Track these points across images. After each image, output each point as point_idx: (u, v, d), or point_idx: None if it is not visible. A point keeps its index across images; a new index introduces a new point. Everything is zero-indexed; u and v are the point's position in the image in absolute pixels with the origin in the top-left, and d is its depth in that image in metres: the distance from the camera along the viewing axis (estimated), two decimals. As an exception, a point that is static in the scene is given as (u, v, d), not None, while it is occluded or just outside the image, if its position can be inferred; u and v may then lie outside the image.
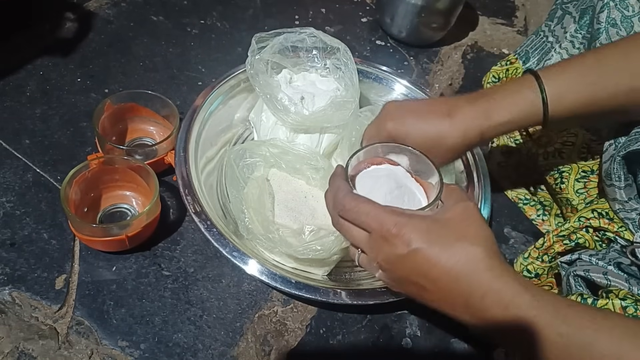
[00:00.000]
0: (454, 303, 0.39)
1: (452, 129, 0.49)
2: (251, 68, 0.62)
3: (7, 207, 0.57)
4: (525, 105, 0.48)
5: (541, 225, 0.67)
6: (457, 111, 0.49)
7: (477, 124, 0.48)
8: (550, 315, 0.35)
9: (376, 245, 0.40)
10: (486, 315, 0.37)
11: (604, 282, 0.45)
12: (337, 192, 0.42)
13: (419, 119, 0.50)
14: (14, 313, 0.50)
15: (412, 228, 0.38)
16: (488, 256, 0.38)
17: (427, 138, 0.49)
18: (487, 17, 1.06)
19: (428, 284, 0.39)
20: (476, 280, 0.37)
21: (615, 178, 0.49)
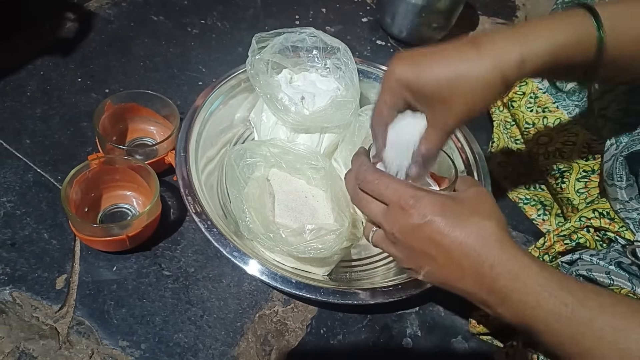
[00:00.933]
0: (464, 274, 0.39)
1: (480, 58, 0.38)
2: (251, 68, 0.62)
3: (8, 207, 0.57)
4: (576, 29, 0.38)
5: (542, 225, 0.67)
6: (486, 38, 0.38)
7: (514, 49, 0.37)
8: (556, 286, 0.36)
9: (393, 216, 0.41)
10: (495, 285, 0.38)
11: (606, 281, 0.45)
12: (359, 166, 0.44)
13: (436, 56, 0.39)
14: (14, 313, 0.50)
15: (429, 201, 0.39)
16: (499, 231, 0.39)
17: (447, 76, 0.38)
18: (487, 17, 1.06)
19: (440, 254, 0.39)
20: (486, 251, 0.38)
21: (617, 178, 0.49)
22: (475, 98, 0.39)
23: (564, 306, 0.35)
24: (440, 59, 0.39)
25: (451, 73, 0.38)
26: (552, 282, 0.36)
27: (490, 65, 0.37)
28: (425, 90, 0.40)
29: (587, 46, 0.38)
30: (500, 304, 0.38)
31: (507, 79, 0.38)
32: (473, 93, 0.38)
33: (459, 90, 0.38)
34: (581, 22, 0.38)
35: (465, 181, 0.45)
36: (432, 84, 0.39)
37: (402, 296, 0.51)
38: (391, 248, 0.43)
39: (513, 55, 0.37)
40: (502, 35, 0.38)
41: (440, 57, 0.39)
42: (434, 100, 0.40)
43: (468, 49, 0.38)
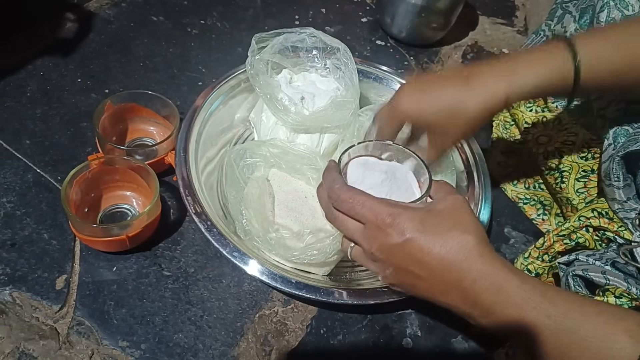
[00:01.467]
0: (447, 289, 0.39)
1: (471, 95, 0.44)
2: (251, 68, 0.62)
3: (8, 207, 0.57)
4: (556, 66, 0.43)
5: (541, 224, 0.67)
6: (476, 75, 0.45)
7: (500, 87, 0.44)
8: (539, 298, 0.36)
9: (371, 236, 0.41)
10: (478, 300, 0.38)
11: (602, 281, 0.45)
12: (332, 184, 0.43)
13: (434, 91, 0.47)
14: (14, 313, 0.50)
15: (406, 218, 0.39)
16: (479, 244, 0.39)
17: (443, 110, 0.45)
18: (487, 17, 1.06)
19: (422, 271, 0.39)
20: (468, 266, 0.38)
21: (614, 178, 0.49)
22: (467, 127, 0.47)
23: (547, 318, 0.36)
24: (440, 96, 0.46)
25: (449, 109, 0.46)
26: (534, 295, 0.37)
27: (480, 104, 0.45)
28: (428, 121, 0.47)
29: (565, 80, 0.44)
30: (484, 316, 0.39)
31: (493, 113, 0.46)
32: (467, 124, 0.46)
33: (454, 122, 0.46)
34: (560, 59, 0.44)
35: (440, 188, 0.44)
36: (433, 117, 0.47)
37: (402, 296, 0.51)
38: (371, 265, 0.43)
39: (499, 95, 0.44)
40: (491, 74, 0.45)
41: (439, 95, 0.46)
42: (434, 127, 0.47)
43: (463, 88, 0.45)
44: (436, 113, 0.46)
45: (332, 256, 0.52)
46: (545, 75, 0.44)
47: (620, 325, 0.35)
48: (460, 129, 0.47)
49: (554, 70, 0.43)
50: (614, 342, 0.34)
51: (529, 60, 0.44)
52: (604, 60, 0.43)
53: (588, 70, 0.43)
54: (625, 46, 0.43)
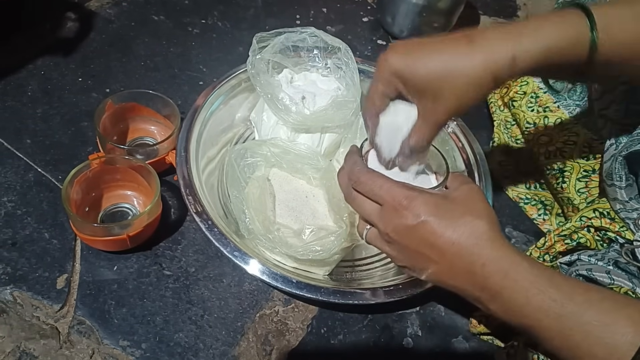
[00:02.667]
0: (456, 273, 0.40)
1: (472, 53, 0.38)
2: (252, 68, 0.62)
3: (9, 206, 0.57)
4: (571, 30, 0.38)
5: (542, 224, 0.67)
6: (480, 34, 0.38)
7: (507, 46, 0.37)
8: (546, 283, 0.37)
9: (387, 217, 0.41)
10: (486, 283, 0.38)
11: (607, 281, 0.45)
12: (352, 166, 0.44)
13: (429, 47, 0.40)
14: (15, 312, 0.50)
15: (422, 201, 0.40)
16: (490, 229, 0.39)
17: (438, 67, 0.38)
18: (488, 17, 1.06)
19: (433, 254, 0.40)
20: (478, 250, 0.39)
21: (616, 178, 0.49)
22: (465, 94, 0.39)
23: (553, 302, 0.36)
24: (434, 51, 0.39)
25: (443, 67, 0.38)
26: (541, 279, 0.37)
27: (482, 62, 0.37)
28: (417, 82, 0.40)
29: (579, 47, 0.38)
30: (491, 300, 0.39)
31: (497, 77, 0.38)
32: (463, 89, 0.39)
33: (449, 85, 0.39)
34: (575, 22, 0.38)
35: (456, 178, 0.45)
36: (423, 77, 0.39)
37: (402, 296, 0.51)
38: (385, 247, 0.44)
39: (505, 54, 0.37)
40: (495, 33, 0.38)
41: (433, 50, 0.39)
42: (425, 93, 0.40)
43: (461, 44, 0.38)
44: (430, 72, 0.39)
45: (335, 255, 0.52)
46: (558, 39, 0.38)
47: (624, 312, 0.35)
48: (455, 94, 0.39)
49: (569, 34, 0.38)
50: (617, 328, 0.34)
51: (541, 22, 0.38)
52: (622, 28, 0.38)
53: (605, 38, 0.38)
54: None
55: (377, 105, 0.44)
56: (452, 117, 0.41)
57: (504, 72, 0.38)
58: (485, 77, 0.38)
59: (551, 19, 0.39)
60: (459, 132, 0.68)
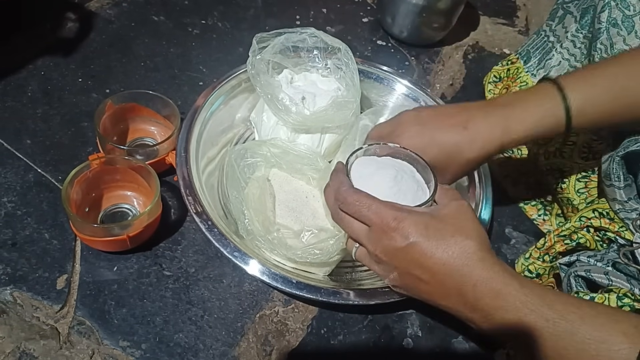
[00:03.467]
0: (448, 293, 0.40)
1: (470, 142, 0.48)
2: (252, 68, 0.62)
3: (9, 207, 0.57)
4: (547, 117, 0.47)
5: (542, 225, 0.67)
6: (474, 122, 0.48)
7: (496, 137, 0.47)
8: (537, 302, 0.37)
9: (375, 238, 0.41)
10: (478, 304, 0.39)
11: (605, 282, 0.45)
12: (339, 186, 0.44)
13: (435, 131, 0.49)
14: (15, 313, 0.50)
15: (411, 222, 0.40)
16: (480, 249, 0.39)
17: (443, 152, 0.48)
18: (488, 17, 1.06)
19: (424, 275, 0.40)
20: (469, 271, 0.39)
21: (614, 178, 0.49)
22: (466, 168, 0.50)
23: (545, 321, 0.36)
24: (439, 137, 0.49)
25: (448, 152, 0.48)
26: (533, 298, 0.37)
27: (478, 149, 0.48)
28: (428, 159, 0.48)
29: (557, 127, 0.47)
30: (484, 321, 0.39)
31: (490, 156, 0.49)
32: (465, 165, 0.49)
33: (453, 163, 0.49)
34: (554, 109, 0.46)
35: (445, 193, 0.45)
36: (433, 157, 0.48)
37: (402, 296, 0.51)
38: (374, 266, 0.44)
39: (495, 142, 0.48)
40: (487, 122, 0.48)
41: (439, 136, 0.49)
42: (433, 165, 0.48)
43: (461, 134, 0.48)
44: (436, 154, 0.48)
45: (334, 256, 0.52)
46: (538, 123, 0.47)
47: (618, 327, 0.35)
48: (459, 169, 0.50)
49: (546, 117, 0.47)
50: (611, 344, 0.34)
51: (523, 109, 0.48)
52: (594, 103, 0.46)
53: (578, 115, 0.46)
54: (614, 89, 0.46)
55: None
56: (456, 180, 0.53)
57: (496, 151, 0.49)
58: (480, 158, 0.49)
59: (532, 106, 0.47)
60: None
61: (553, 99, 0.47)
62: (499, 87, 0.77)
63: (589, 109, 0.46)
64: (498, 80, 0.78)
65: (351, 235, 0.45)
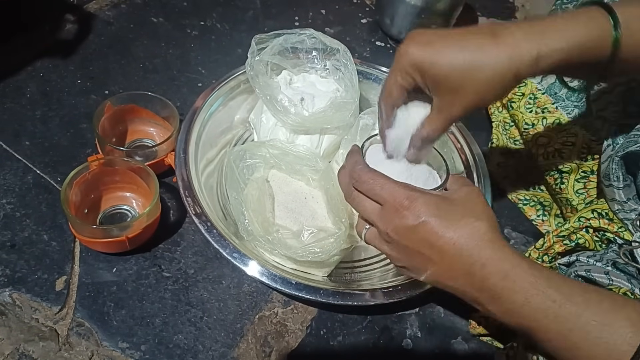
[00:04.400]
0: (456, 273, 0.40)
1: (497, 49, 0.37)
2: (251, 69, 0.62)
3: (8, 208, 0.57)
4: (593, 28, 0.38)
5: (541, 225, 0.67)
6: (504, 30, 0.38)
7: (531, 45, 0.37)
8: (544, 283, 0.37)
9: (387, 217, 0.41)
10: (486, 284, 0.38)
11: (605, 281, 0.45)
12: (354, 165, 0.44)
13: (452, 39, 0.39)
14: (14, 314, 0.50)
15: (423, 202, 0.40)
16: (490, 231, 0.40)
17: (460, 61, 0.38)
18: (486, 18, 1.06)
19: (434, 254, 0.40)
20: (478, 251, 0.39)
21: (613, 178, 0.49)
22: (486, 89, 0.39)
23: (552, 302, 0.36)
24: (457, 45, 0.38)
25: (467, 62, 0.38)
26: (540, 280, 0.37)
27: (506, 59, 0.37)
28: (438, 74, 0.39)
29: (602, 45, 0.38)
30: (490, 301, 0.39)
31: (520, 74, 0.38)
32: (485, 85, 0.38)
33: (471, 81, 0.38)
34: (598, 21, 0.38)
35: (456, 180, 0.45)
36: (445, 70, 0.38)
37: (402, 297, 0.51)
38: (384, 246, 0.44)
39: (530, 52, 0.37)
40: (520, 30, 0.38)
41: (456, 43, 0.38)
42: (445, 86, 0.39)
43: (486, 39, 0.38)
44: (452, 65, 0.38)
45: (334, 256, 0.52)
46: (583, 38, 0.38)
47: (622, 313, 0.35)
48: (476, 89, 0.39)
49: (593, 33, 0.38)
50: (615, 329, 0.34)
51: (565, 20, 0.39)
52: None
53: (628, 35, 0.38)
54: None
55: (394, 96, 0.43)
56: (468, 113, 0.41)
57: (527, 69, 0.38)
58: (508, 73, 0.38)
59: (575, 17, 0.39)
60: (457, 133, 0.68)
61: (599, 13, 0.39)
62: None
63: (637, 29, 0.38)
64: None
65: (363, 214, 0.44)
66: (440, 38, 0.39)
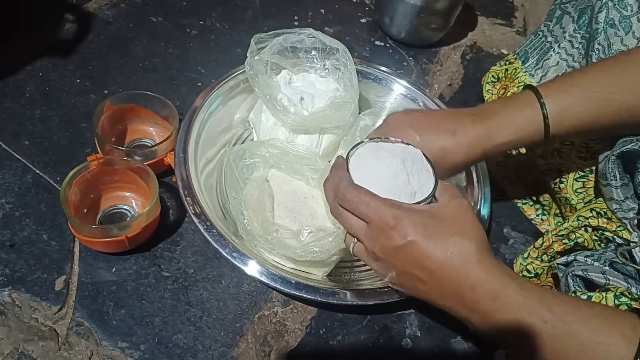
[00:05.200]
0: (445, 294, 0.40)
1: (456, 147, 0.49)
2: (250, 69, 0.62)
3: (7, 208, 0.57)
4: (527, 125, 0.48)
5: (540, 225, 0.67)
6: (461, 130, 0.50)
7: (480, 143, 0.49)
8: (536, 303, 0.37)
9: (374, 236, 0.41)
10: (476, 306, 0.39)
11: (602, 281, 0.46)
12: (338, 182, 0.44)
13: (427, 135, 0.50)
14: (13, 314, 0.50)
15: (410, 221, 0.40)
16: (479, 251, 0.39)
17: (431, 154, 0.49)
18: (486, 18, 1.06)
19: (422, 274, 0.40)
20: (466, 272, 0.39)
21: (610, 177, 0.49)
22: (452, 170, 0.52)
23: (544, 323, 0.36)
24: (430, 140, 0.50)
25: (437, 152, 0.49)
26: (531, 300, 0.37)
27: (464, 154, 0.50)
28: None
29: (537, 135, 0.49)
30: (481, 322, 0.39)
31: (472, 163, 0.53)
32: (452, 169, 0.52)
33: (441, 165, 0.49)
34: (532, 119, 0.48)
35: (445, 190, 0.45)
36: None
37: (401, 297, 0.51)
38: (372, 263, 0.44)
39: (478, 150, 0.50)
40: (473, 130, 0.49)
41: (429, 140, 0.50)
42: None
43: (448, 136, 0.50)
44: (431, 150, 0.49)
45: (333, 256, 0.52)
46: (518, 131, 0.49)
47: (616, 329, 0.35)
48: (444, 171, 0.51)
49: (526, 125, 0.49)
50: (610, 345, 0.35)
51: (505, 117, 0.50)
52: (573, 112, 0.48)
53: (557, 123, 0.48)
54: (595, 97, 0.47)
55: None
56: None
57: (478, 160, 0.52)
58: (464, 164, 0.51)
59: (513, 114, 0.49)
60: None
61: (532, 107, 0.48)
62: (497, 88, 0.78)
63: (568, 117, 0.48)
64: (496, 81, 0.78)
65: (349, 231, 0.45)
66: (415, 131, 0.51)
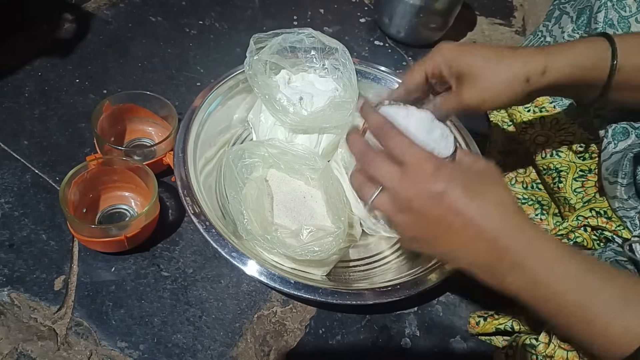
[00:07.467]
0: (478, 243, 0.39)
1: (513, 56, 0.46)
2: (250, 69, 0.62)
3: (6, 208, 0.57)
4: (593, 53, 0.45)
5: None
6: (519, 47, 0.48)
7: (540, 58, 0.45)
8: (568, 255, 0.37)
9: (410, 180, 0.40)
10: (508, 252, 0.38)
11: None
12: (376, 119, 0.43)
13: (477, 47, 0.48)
14: (12, 314, 0.50)
15: (450, 170, 0.40)
16: (515, 202, 0.40)
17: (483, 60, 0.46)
18: (485, 18, 1.06)
19: (458, 222, 0.39)
20: (506, 219, 0.39)
21: (621, 175, 0.49)
22: (498, 87, 0.46)
23: (575, 274, 0.36)
24: (482, 49, 0.46)
25: (487, 59, 0.45)
26: (564, 252, 0.38)
27: (521, 64, 0.45)
28: (462, 66, 0.46)
29: (600, 69, 0.45)
30: (509, 272, 0.38)
31: (529, 81, 0.45)
32: (499, 81, 0.46)
33: (489, 75, 0.45)
34: (598, 49, 0.45)
35: (467, 154, 0.45)
36: (469, 62, 0.46)
37: (400, 296, 0.51)
38: (397, 214, 0.41)
39: (538, 63, 0.45)
40: (532, 49, 0.46)
41: (481, 48, 0.47)
42: (466, 76, 0.46)
43: (505, 50, 0.46)
44: (475, 59, 0.46)
45: (333, 255, 0.52)
46: (583, 59, 0.45)
47: None
48: (492, 83, 0.46)
49: (592, 58, 0.45)
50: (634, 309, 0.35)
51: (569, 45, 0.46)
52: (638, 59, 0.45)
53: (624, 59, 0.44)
54: None
55: (414, 77, 0.49)
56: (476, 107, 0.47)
57: (536, 78, 0.45)
58: (520, 77, 0.45)
59: (579, 44, 0.46)
60: (456, 133, 0.68)
61: (601, 43, 0.45)
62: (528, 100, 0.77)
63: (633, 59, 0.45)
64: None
65: (379, 176, 0.42)
66: (468, 45, 0.48)
